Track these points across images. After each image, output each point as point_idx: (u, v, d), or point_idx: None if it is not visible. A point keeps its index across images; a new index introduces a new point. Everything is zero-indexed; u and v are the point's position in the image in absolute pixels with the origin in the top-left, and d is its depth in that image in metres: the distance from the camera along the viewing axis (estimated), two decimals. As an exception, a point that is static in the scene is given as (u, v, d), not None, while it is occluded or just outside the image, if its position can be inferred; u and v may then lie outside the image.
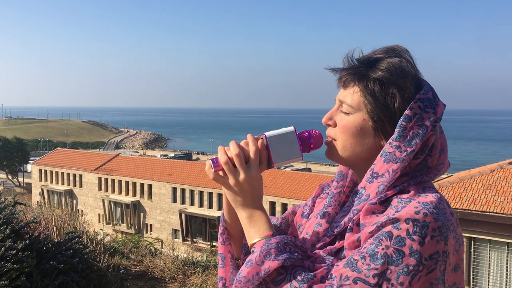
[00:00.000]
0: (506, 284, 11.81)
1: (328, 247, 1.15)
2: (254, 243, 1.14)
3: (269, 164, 1.19)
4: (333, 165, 60.11)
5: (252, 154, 1.16)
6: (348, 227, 1.12)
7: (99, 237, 6.44)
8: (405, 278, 0.97)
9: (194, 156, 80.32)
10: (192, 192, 37.21)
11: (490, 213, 11.45)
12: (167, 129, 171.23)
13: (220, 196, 35.67)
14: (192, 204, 37.23)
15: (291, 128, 1.20)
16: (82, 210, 37.82)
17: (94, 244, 5.20)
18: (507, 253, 11.74)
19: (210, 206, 36.18)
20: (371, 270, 0.98)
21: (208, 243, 34.77)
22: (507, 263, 11.78)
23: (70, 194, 43.74)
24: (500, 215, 11.45)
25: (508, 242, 11.61)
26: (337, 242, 1.16)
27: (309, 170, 51.89)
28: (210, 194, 36.14)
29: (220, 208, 35.58)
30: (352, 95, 1.17)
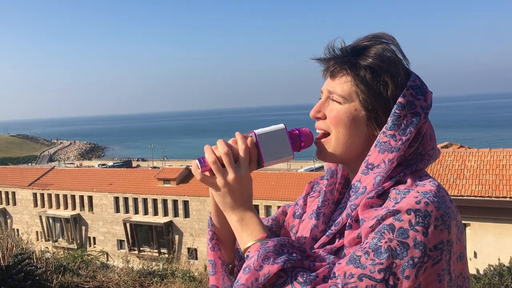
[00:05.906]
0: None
1: (328, 247, 1.09)
2: (249, 247, 1.06)
3: (259, 163, 1.12)
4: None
5: (241, 153, 1.09)
6: (347, 224, 1.06)
7: (47, 256, 6.10)
8: (411, 271, 0.93)
9: (134, 163, 78.37)
10: (135, 200, 36.18)
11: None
12: (103, 138, 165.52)
13: (165, 202, 34.96)
14: (136, 212, 36.20)
15: (281, 126, 1.14)
16: (18, 229, 35.71)
17: (44, 264, 4.91)
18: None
19: (156, 213, 35.34)
20: (376, 265, 0.93)
21: (156, 251, 33.99)
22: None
23: (4, 213, 41.26)
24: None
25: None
26: (336, 241, 1.10)
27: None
28: (155, 201, 35.30)
29: (165, 214, 34.89)
30: (342, 84, 1.12)
